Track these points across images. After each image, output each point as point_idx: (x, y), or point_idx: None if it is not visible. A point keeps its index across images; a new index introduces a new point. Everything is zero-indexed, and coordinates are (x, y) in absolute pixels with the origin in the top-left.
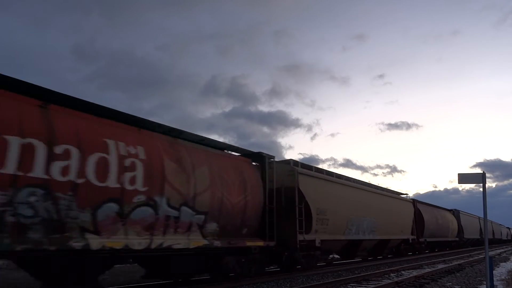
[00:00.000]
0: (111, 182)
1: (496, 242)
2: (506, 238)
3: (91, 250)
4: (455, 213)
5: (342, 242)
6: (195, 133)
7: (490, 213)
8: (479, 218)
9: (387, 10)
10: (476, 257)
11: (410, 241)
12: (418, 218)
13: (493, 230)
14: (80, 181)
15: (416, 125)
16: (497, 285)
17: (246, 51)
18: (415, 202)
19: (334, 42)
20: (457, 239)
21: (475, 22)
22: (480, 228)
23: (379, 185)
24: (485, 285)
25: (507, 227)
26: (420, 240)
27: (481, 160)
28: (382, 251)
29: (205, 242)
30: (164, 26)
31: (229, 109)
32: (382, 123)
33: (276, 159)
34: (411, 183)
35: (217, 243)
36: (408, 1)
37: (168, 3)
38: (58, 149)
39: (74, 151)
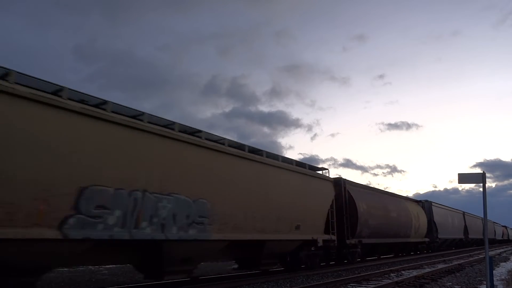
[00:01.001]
0: None
1: (488, 242)
2: (501, 238)
3: None
4: (425, 205)
5: (48, 246)
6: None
7: (489, 212)
8: (463, 213)
9: (387, 11)
10: (476, 257)
11: (320, 244)
12: (351, 208)
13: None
14: None
15: (416, 125)
16: (497, 285)
17: (246, 51)
18: (342, 183)
19: (334, 43)
20: (426, 239)
21: (475, 23)
22: (465, 226)
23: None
24: (485, 285)
25: (503, 226)
26: (350, 242)
27: (481, 160)
28: (254, 262)
29: None
30: (164, 26)
31: (230, 109)
32: (382, 123)
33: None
34: (411, 183)
35: None
36: (408, 1)
37: (168, 3)
38: None
39: None
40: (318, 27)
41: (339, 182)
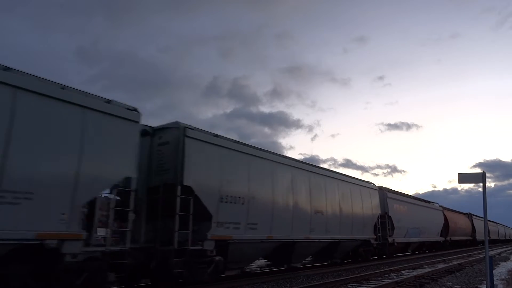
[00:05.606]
0: None
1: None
2: (436, 239)
3: None
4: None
5: None
6: None
7: (489, 212)
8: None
9: (387, 13)
10: (476, 257)
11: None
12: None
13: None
14: None
15: (416, 126)
16: (497, 285)
17: (247, 53)
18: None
19: (335, 44)
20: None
21: (474, 25)
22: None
23: None
24: (485, 285)
25: (459, 212)
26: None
27: (481, 161)
28: None
29: None
30: (166, 28)
31: (231, 110)
32: (382, 124)
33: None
34: (411, 183)
35: None
36: (408, 4)
37: (170, 6)
38: None
39: None
40: (319, 29)
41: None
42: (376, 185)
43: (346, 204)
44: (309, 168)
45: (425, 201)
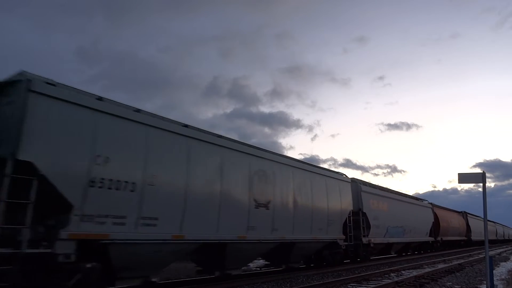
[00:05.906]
0: None
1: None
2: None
3: None
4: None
5: None
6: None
7: (489, 213)
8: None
9: (387, 13)
10: (476, 257)
11: None
12: None
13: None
14: None
15: (416, 126)
16: (497, 285)
17: (247, 53)
18: None
19: (335, 44)
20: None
21: (474, 25)
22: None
23: None
24: (485, 285)
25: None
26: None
27: (481, 161)
28: None
29: None
30: (166, 28)
31: (231, 110)
32: (382, 124)
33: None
34: (411, 183)
35: None
36: (408, 4)
37: (170, 6)
38: None
39: None
40: (319, 29)
41: None
42: (349, 176)
43: (304, 197)
44: (250, 150)
45: (411, 197)
